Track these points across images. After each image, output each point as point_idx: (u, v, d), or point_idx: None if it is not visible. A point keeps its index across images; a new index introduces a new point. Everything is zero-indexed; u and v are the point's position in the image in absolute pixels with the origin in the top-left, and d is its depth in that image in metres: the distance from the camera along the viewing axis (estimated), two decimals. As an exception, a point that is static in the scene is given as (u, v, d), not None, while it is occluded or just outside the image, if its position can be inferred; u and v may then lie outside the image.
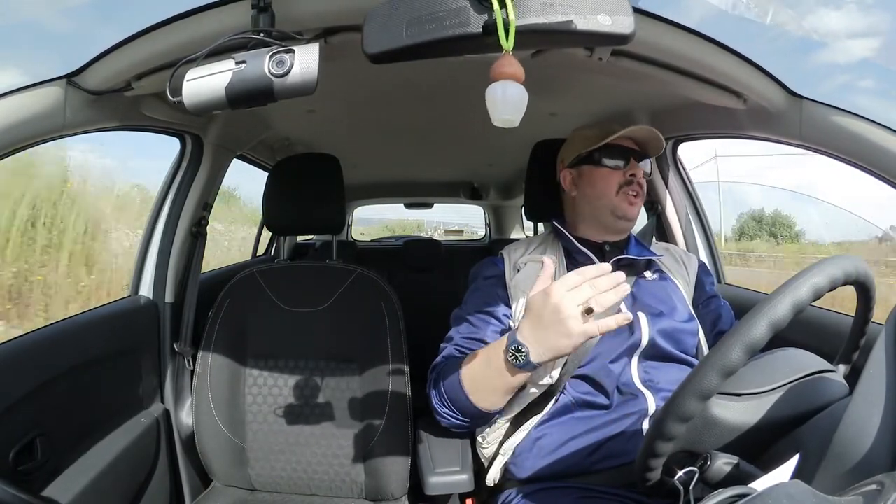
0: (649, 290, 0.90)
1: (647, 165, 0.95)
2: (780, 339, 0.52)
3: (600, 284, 0.66)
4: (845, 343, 0.62)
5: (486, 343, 0.86)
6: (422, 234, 5.87)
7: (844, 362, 0.63)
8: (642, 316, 0.86)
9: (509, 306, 0.91)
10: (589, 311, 0.66)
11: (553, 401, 0.83)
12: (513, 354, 0.71)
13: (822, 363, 0.58)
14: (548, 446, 0.81)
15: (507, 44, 0.48)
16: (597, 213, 0.94)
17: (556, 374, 0.82)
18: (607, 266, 0.68)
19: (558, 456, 0.80)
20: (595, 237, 0.96)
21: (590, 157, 0.94)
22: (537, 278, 0.74)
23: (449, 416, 0.84)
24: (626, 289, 0.67)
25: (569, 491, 0.79)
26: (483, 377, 0.78)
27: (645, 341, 0.84)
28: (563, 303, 0.66)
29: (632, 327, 0.84)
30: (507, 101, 0.50)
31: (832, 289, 0.50)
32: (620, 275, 0.68)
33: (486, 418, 0.85)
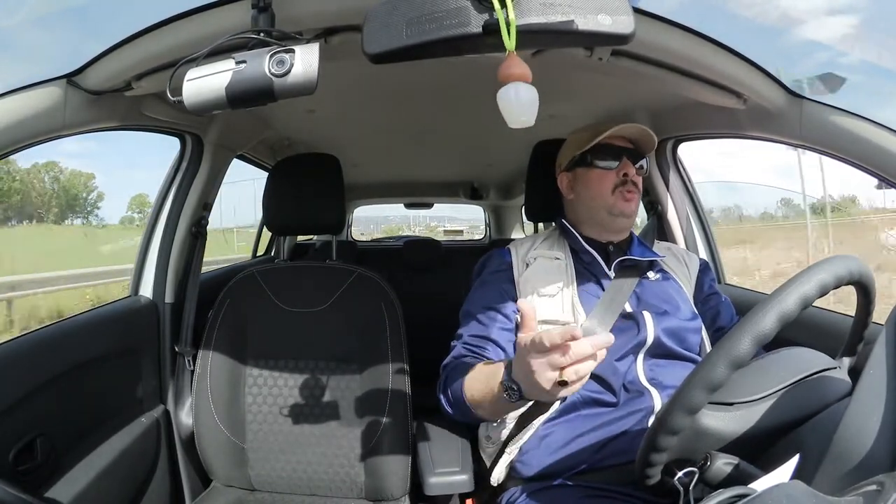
0: (653, 291, 0.91)
1: (644, 162, 0.95)
2: (779, 339, 0.52)
3: (580, 350, 0.57)
4: (848, 338, 0.62)
5: (493, 341, 0.87)
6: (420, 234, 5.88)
7: (848, 355, 0.62)
8: (647, 315, 0.86)
9: (517, 301, 0.90)
10: (563, 383, 0.58)
11: (560, 399, 0.83)
12: (507, 390, 0.68)
13: (820, 362, 0.58)
14: (554, 443, 0.81)
15: (510, 43, 0.48)
16: (594, 213, 0.95)
17: None
18: (609, 338, 0.59)
19: (565, 453, 0.80)
20: (598, 237, 0.96)
21: (583, 160, 0.95)
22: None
23: (457, 416, 0.85)
24: (604, 355, 0.59)
25: (574, 489, 0.79)
26: (483, 397, 0.77)
27: (650, 340, 0.85)
28: (537, 369, 0.59)
29: (637, 326, 0.85)
30: (520, 103, 0.50)
31: (837, 286, 0.50)
32: (608, 337, 0.59)
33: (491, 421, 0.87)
